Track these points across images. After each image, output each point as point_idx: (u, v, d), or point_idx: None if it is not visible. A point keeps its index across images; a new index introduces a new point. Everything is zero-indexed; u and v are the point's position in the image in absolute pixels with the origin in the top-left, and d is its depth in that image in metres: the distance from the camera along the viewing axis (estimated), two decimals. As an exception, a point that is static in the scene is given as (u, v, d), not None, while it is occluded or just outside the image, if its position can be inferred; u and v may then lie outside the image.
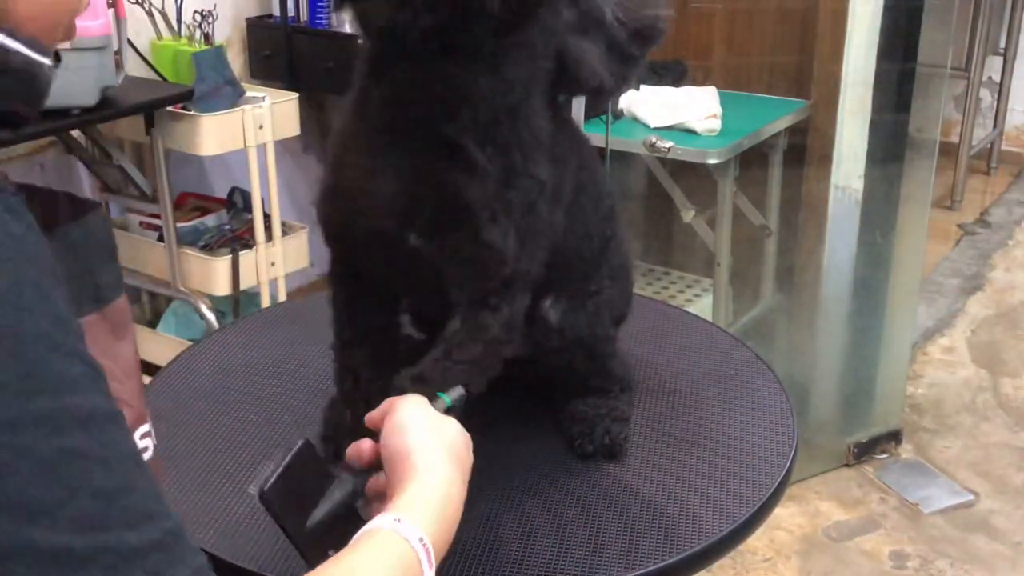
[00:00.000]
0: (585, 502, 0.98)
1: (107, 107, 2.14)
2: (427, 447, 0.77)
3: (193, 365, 1.26)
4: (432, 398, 0.83)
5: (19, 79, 0.64)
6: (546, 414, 1.10)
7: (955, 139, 4.10)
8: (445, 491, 0.76)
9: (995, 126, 4.43)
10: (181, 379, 1.22)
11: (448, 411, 0.84)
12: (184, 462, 1.06)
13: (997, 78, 4.33)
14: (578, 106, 2.17)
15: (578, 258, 1.02)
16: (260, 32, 2.78)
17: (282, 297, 2.56)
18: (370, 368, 1.00)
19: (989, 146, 4.44)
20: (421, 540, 0.71)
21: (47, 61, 0.65)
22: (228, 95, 2.34)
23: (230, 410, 1.16)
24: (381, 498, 0.79)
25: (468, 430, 0.82)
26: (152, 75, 2.50)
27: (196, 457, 1.07)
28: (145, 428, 0.79)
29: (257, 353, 1.28)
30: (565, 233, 0.97)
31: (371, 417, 0.82)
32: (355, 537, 0.71)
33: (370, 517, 0.75)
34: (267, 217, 2.51)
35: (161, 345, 2.60)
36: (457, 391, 0.86)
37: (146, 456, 0.77)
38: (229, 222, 2.60)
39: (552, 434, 1.08)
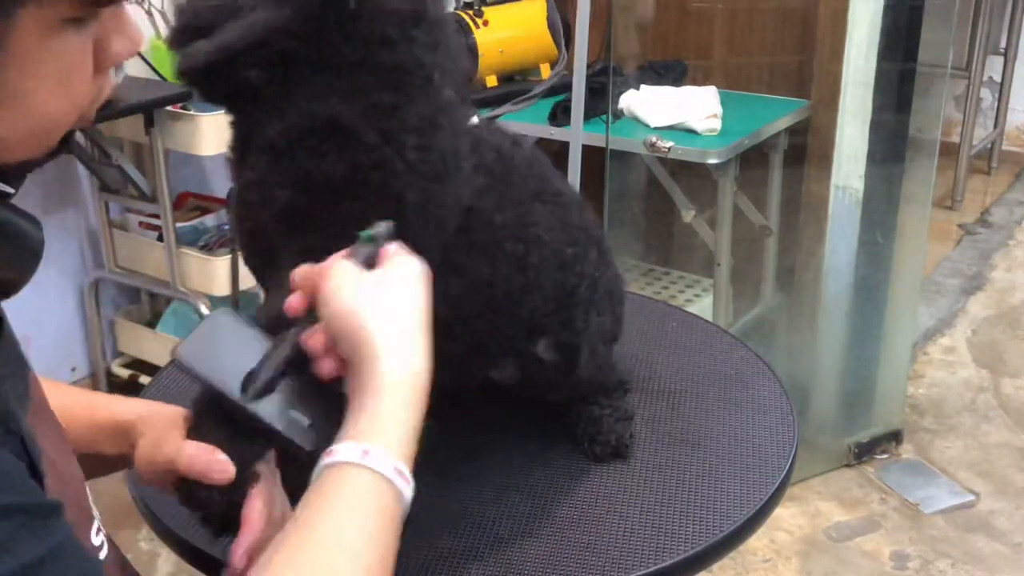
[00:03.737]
0: (583, 503, 0.98)
1: (106, 107, 2.13)
2: (381, 326, 0.70)
3: (192, 365, 1.25)
4: (354, 246, 0.75)
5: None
6: (543, 416, 1.10)
7: (956, 139, 4.10)
8: (411, 382, 0.70)
9: (996, 126, 4.43)
10: (180, 379, 1.22)
11: (371, 242, 0.75)
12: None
13: (998, 78, 4.33)
14: (578, 108, 2.17)
15: (528, 314, 0.97)
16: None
17: (282, 297, 2.55)
18: None
19: (990, 146, 4.44)
20: (397, 470, 0.67)
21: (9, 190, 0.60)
22: (228, 95, 2.34)
23: (229, 410, 1.15)
24: (329, 354, 0.73)
25: (463, 431, 0.81)
26: (151, 75, 2.50)
27: (195, 457, 1.06)
28: (96, 525, 0.73)
29: (256, 353, 1.28)
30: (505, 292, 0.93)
31: (292, 303, 0.75)
32: (318, 472, 0.67)
33: (322, 372, 0.72)
34: (267, 217, 2.51)
35: (161, 345, 2.60)
36: (381, 225, 0.76)
37: (102, 555, 0.72)
38: (228, 222, 2.59)
39: (550, 436, 1.08)
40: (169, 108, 2.30)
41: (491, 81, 2.53)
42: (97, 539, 0.71)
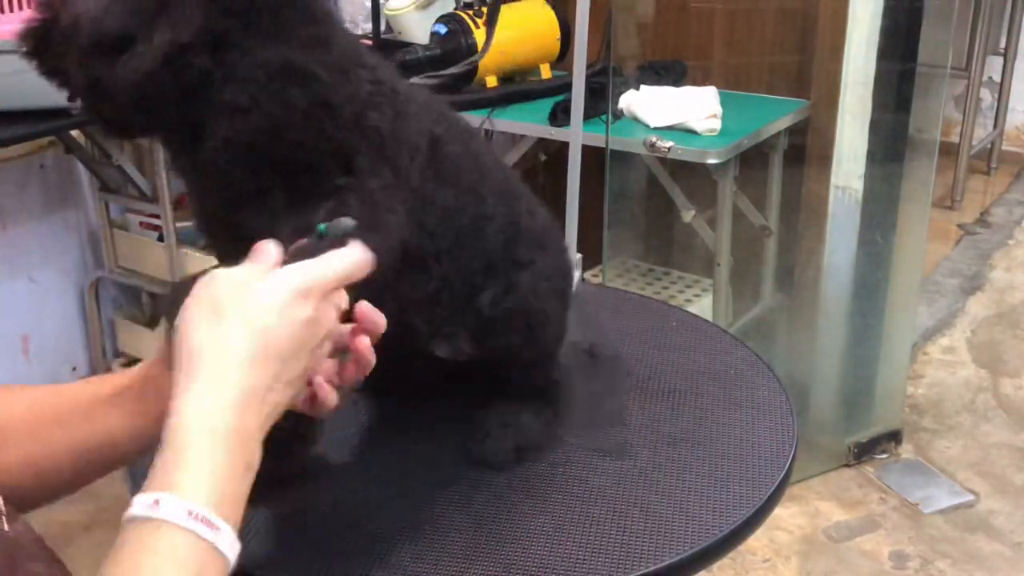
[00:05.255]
0: (583, 502, 0.98)
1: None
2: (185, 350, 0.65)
3: (192, 365, 1.25)
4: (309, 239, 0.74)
5: None
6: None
7: (955, 139, 4.10)
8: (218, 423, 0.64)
9: (995, 126, 4.43)
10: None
11: (321, 238, 0.73)
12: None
13: (997, 78, 4.33)
14: (578, 108, 2.17)
15: (488, 247, 0.97)
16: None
17: (282, 297, 2.55)
18: None
19: (989, 146, 4.44)
20: (191, 513, 0.60)
21: None
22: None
23: (229, 410, 1.15)
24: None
25: (463, 431, 0.80)
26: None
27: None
28: None
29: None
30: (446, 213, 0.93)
31: None
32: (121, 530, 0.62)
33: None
34: (267, 217, 2.51)
35: (161, 345, 2.60)
36: (343, 220, 0.75)
37: None
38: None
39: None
40: (169, 108, 2.30)
41: (491, 81, 2.52)
42: None
